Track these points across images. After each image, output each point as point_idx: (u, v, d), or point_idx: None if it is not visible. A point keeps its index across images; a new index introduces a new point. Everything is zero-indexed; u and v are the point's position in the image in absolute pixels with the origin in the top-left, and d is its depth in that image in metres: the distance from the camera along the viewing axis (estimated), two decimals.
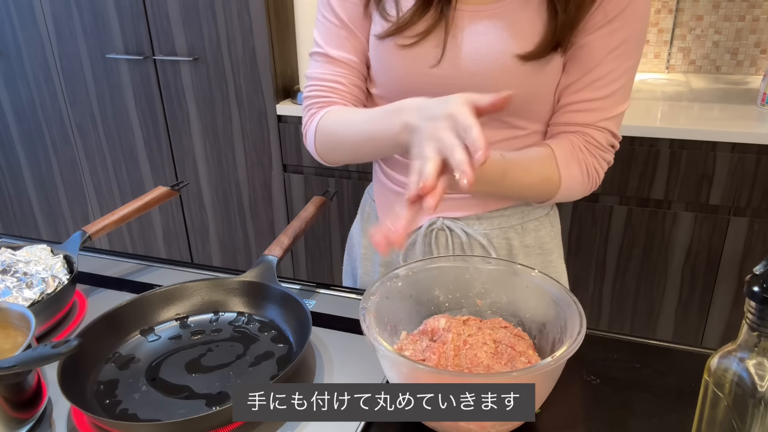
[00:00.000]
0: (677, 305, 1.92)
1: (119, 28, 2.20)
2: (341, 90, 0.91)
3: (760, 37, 2.11)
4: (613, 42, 0.81)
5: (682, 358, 0.80)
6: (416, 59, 0.84)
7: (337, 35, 0.89)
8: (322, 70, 0.91)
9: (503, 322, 0.77)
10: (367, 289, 0.73)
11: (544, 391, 0.66)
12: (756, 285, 0.49)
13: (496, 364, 0.70)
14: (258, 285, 0.88)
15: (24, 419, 0.68)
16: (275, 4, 2.03)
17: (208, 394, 0.73)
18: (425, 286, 0.80)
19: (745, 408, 0.52)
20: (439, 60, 0.83)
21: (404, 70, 0.85)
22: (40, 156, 2.59)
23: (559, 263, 1.03)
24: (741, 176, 1.70)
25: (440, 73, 0.84)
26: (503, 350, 0.71)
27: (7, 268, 0.91)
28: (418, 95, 0.84)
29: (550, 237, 1.00)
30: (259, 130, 2.17)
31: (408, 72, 0.85)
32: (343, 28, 0.89)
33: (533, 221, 0.98)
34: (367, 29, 0.89)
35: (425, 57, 0.84)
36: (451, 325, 0.74)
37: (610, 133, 0.87)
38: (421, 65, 0.84)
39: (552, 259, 1.01)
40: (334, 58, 0.90)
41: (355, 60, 0.90)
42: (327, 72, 0.91)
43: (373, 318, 0.70)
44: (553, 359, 0.61)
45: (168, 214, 2.47)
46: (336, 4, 0.88)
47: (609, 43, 0.81)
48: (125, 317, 0.83)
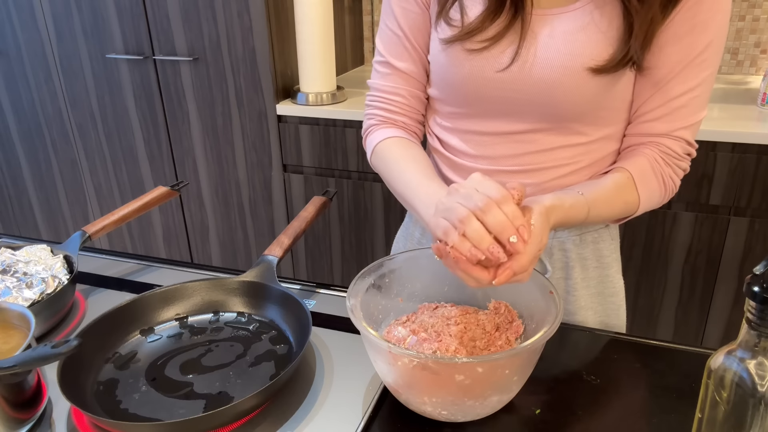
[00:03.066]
0: (677, 305, 1.92)
1: (119, 28, 2.20)
2: (401, 103, 0.93)
3: (760, 37, 2.11)
4: (692, 53, 0.79)
5: (682, 358, 0.80)
6: (483, 63, 0.82)
7: (399, 45, 0.90)
8: (384, 82, 0.93)
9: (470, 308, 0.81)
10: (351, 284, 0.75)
11: (520, 375, 0.68)
12: (756, 285, 0.49)
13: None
14: (258, 285, 0.88)
15: (24, 419, 0.68)
16: (275, 4, 2.03)
17: (208, 394, 0.73)
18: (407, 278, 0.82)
19: (745, 408, 0.52)
20: (508, 64, 0.81)
21: (470, 73, 0.83)
22: (40, 156, 2.59)
23: (617, 279, 0.99)
24: (741, 176, 1.70)
25: (506, 78, 0.82)
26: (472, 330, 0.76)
27: (7, 268, 0.91)
28: (481, 99, 0.85)
29: (609, 250, 0.96)
30: (258, 130, 2.17)
31: (474, 75, 0.83)
32: (405, 37, 0.89)
33: (592, 233, 0.94)
34: (427, 38, 0.89)
35: (493, 61, 0.82)
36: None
37: (685, 142, 0.85)
38: (488, 69, 0.82)
39: (610, 273, 0.97)
40: (398, 69, 0.91)
41: (415, 70, 0.91)
42: (388, 84, 0.92)
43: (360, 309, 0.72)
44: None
45: (168, 214, 2.47)
46: (399, 14, 0.88)
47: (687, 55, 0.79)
48: (125, 317, 0.83)
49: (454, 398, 0.66)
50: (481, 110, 0.86)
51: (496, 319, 0.78)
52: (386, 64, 0.92)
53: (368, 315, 0.74)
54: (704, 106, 0.84)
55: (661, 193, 0.87)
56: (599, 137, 0.86)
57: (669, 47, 0.79)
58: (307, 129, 2.08)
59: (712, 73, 0.81)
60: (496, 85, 0.83)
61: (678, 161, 0.86)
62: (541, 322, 0.70)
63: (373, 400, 0.73)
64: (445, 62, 0.85)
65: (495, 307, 0.80)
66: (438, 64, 0.87)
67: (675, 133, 0.84)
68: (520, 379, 0.68)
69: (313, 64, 2.02)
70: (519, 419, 0.71)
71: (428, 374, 0.64)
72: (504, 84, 0.82)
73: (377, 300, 0.78)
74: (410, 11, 0.88)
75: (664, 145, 0.84)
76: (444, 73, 0.87)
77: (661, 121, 0.83)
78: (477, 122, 0.88)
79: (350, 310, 0.70)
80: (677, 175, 0.87)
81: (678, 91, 0.81)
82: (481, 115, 0.87)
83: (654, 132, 0.84)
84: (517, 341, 0.75)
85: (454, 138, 0.91)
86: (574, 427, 0.69)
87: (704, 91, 0.82)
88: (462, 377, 0.63)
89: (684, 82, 0.80)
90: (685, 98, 0.81)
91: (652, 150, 0.85)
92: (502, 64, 0.81)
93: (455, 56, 0.84)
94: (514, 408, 0.72)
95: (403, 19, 0.88)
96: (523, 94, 0.82)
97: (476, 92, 0.84)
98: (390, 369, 0.67)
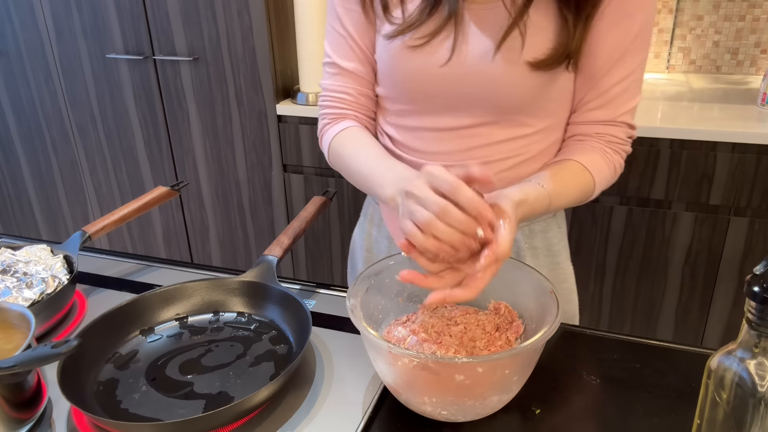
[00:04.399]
0: (677, 305, 1.92)
1: (119, 28, 2.20)
2: (350, 101, 0.94)
3: (761, 37, 2.11)
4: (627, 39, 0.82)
5: (682, 358, 0.80)
6: (426, 58, 0.84)
7: (344, 45, 0.91)
8: (332, 81, 0.94)
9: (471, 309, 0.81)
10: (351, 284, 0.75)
11: (520, 375, 0.68)
12: (756, 285, 0.49)
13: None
14: (258, 285, 0.88)
15: (24, 419, 0.68)
16: (275, 4, 2.03)
17: (208, 394, 0.73)
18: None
19: (745, 408, 0.52)
20: (448, 59, 0.83)
21: (413, 69, 0.85)
22: (40, 156, 2.59)
23: (566, 265, 1.03)
24: (741, 176, 1.70)
25: (450, 72, 0.84)
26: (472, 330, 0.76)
27: (7, 268, 0.91)
28: (427, 95, 0.87)
29: (557, 239, 1.00)
30: (259, 130, 2.17)
31: (417, 71, 0.85)
32: (350, 38, 0.90)
33: (540, 222, 0.98)
34: (372, 37, 0.90)
35: (435, 56, 0.84)
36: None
37: (627, 126, 0.88)
38: (431, 64, 0.84)
39: (560, 261, 1.01)
40: (344, 69, 0.92)
41: (362, 69, 0.92)
42: (337, 83, 0.94)
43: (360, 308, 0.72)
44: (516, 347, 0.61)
45: (168, 214, 2.46)
46: (342, 14, 0.90)
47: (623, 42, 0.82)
48: (125, 317, 0.83)
49: (454, 398, 0.66)
50: (428, 106, 0.88)
51: (496, 320, 0.78)
52: (333, 64, 0.93)
53: (368, 315, 0.74)
54: (640, 88, 0.87)
55: (612, 177, 0.90)
56: (543, 127, 0.89)
57: (604, 36, 0.82)
58: (307, 129, 2.08)
59: (646, 57, 0.85)
60: (439, 81, 0.85)
61: (623, 146, 0.89)
62: (541, 322, 0.70)
63: (373, 400, 0.73)
64: (389, 60, 0.87)
65: (495, 307, 0.80)
66: (383, 62, 0.89)
67: (618, 119, 0.87)
68: (520, 379, 0.68)
69: (313, 64, 2.02)
70: (519, 419, 0.71)
71: (428, 374, 0.64)
72: (447, 79, 0.84)
73: (377, 300, 0.78)
74: (353, 11, 0.89)
75: (608, 134, 0.88)
76: (389, 70, 0.89)
77: (603, 109, 0.87)
78: (425, 119, 0.89)
79: (350, 310, 0.70)
80: (623, 158, 0.91)
81: (616, 79, 0.84)
82: (429, 111, 0.89)
83: (597, 119, 0.88)
84: (517, 341, 0.75)
85: (405, 135, 0.93)
86: (574, 427, 0.69)
87: (640, 74, 0.86)
88: (462, 377, 0.63)
89: (622, 68, 0.83)
90: (624, 84, 0.84)
91: (599, 143, 0.88)
92: (442, 59, 0.83)
93: (398, 53, 0.86)
94: (514, 408, 0.72)
95: (346, 20, 0.90)
96: (466, 88, 0.84)
97: (421, 88, 0.86)
98: (390, 369, 0.67)
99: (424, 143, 0.91)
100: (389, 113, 0.94)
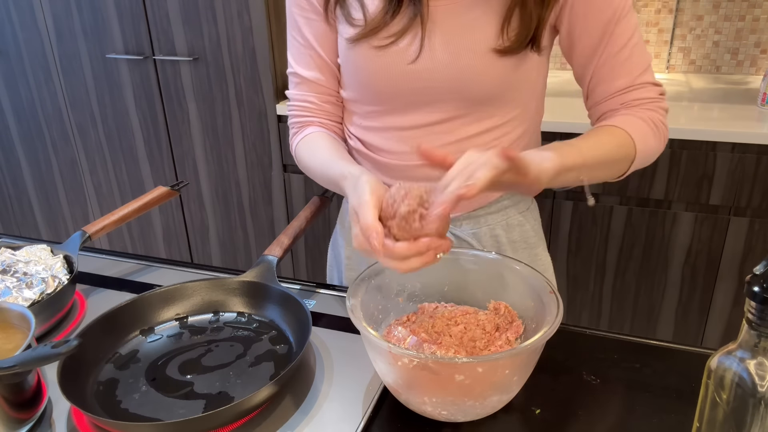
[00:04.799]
0: (677, 305, 1.92)
1: (119, 28, 2.20)
2: (314, 108, 0.95)
3: (761, 37, 2.10)
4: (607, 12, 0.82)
5: (682, 358, 0.80)
6: (393, 57, 0.85)
7: (305, 54, 0.92)
8: (296, 91, 0.96)
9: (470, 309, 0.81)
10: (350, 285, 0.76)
11: (520, 375, 0.68)
12: (756, 285, 0.49)
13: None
14: (258, 285, 0.88)
15: (24, 419, 0.68)
16: (275, 4, 2.03)
17: (208, 394, 0.73)
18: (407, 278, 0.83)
19: (745, 408, 0.52)
20: (416, 56, 0.84)
21: (380, 69, 0.86)
22: (40, 156, 2.59)
23: (544, 256, 1.04)
24: (741, 176, 1.70)
25: (417, 69, 0.84)
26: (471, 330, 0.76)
27: (7, 268, 0.91)
28: (395, 93, 0.88)
29: (534, 231, 1.02)
30: (259, 129, 2.17)
31: (384, 70, 0.86)
32: (310, 47, 0.91)
33: (517, 216, 0.99)
34: (334, 43, 0.91)
35: (402, 55, 0.84)
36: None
37: (651, 84, 0.87)
38: (399, 63, 0.85)
39: (537, 252, 1.02)
40: (306, 78, 0.94)
41: (323, 78, 0.93)
42: (299, 93, 0.95)
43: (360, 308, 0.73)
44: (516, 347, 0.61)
45: (168, 214, 2.46)
46: (302, 23, 0.91)
47: (603, 15, 0.82)
48: (125, 317, 0.83)
49: (454, 398, 0.66)
50: (397, 105, 0.89)
51: (496, 320, 0.78)
52: (296, 74, 0.94)
53: (368, 315, 0.74)
54: (645, 50, 0.86)
55: (655, 135, 0.86)
56: (511, 118, 0.89)
57: (585, 12, 0.82)
58: None
59: (635, 19, 0.84)
60: (408, 77, 0.85)
61: (657, 102, 0.87)
62: (541, 322, 0.70)
63: (373, 400, 0.73)
64: (354, 62, 0.88)
65: (495, 307, 0.80)
66: (348, 65, 0.90)
67: (636, 81, 0.86)
68: (520, 379, 0.68)
69: None
70: (519, 419, 0.71)
71: (428, 374, 0.64)
72: (415, 75, 0.85)
73: (377, 300, 0.78)
74: (313, 20, 0.90)
75: (635, 98, 0.86)
76: (354, 72, 0.89)
77: (617, 80, 0.86)
78: (394, 118, 0.90)
79: (350, 310, 0.70)
80: (661, 115, 0.88)
81: (617, 47, 0.84)
82: (398, 110, 0.89)
83: (618, 89, 0.86)
84: (517, 341, 0.75)
85: (375, 137, 0.93)
86: (574, 427, 0.69)
87: (639, 36, 0.85)
88: (462, 377, 0.63)
89: (618, 37, 0.83)
90: (626, 51, 0.84)
91: (628, 110, 0.86)
92: (410, 57, 0.84)
93: (364, 55, 0.86)
94: (514, 408, 0.72)
95: (306, 29, 0.91)
96: (436, 82, 0.85)
97: (390, 87, 0.87)
98: (390, 369, 0.67)
99: (395, 143, 0.92)
100: (358, 115, 0.94)
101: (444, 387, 0.65)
